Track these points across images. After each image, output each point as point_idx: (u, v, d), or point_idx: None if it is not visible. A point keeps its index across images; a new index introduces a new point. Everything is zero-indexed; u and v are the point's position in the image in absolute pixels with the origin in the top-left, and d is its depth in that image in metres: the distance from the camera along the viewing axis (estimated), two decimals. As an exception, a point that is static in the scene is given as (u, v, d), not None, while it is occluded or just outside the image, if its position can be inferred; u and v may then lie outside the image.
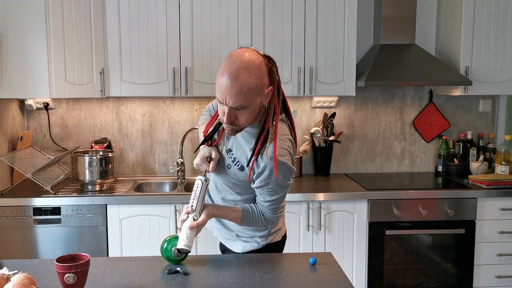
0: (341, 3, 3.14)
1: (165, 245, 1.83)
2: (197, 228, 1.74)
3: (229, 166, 1.83)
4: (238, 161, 1.81)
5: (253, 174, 1.77)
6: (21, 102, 3.38)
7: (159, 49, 3.09)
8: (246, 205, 1.88)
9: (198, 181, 1.79)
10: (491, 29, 3.25)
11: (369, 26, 3.51)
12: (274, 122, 1.72)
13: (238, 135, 1.80)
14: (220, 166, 1.87)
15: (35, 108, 3.39)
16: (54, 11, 2.92)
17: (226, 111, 1.65)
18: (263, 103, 1.71)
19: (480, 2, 3.22)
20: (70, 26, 2.98)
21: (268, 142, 1.71)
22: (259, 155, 1.72)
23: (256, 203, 1.88)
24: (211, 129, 1.89)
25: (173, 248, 1.78)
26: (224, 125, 1.73)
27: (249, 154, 1.75)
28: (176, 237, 1.81)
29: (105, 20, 3.06)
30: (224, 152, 1.85)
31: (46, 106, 3.39)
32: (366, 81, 3.12)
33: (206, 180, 1.79)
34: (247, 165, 1.77)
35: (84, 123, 3.47)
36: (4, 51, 2.89)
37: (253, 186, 1.82)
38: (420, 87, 3.62)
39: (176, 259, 1.80)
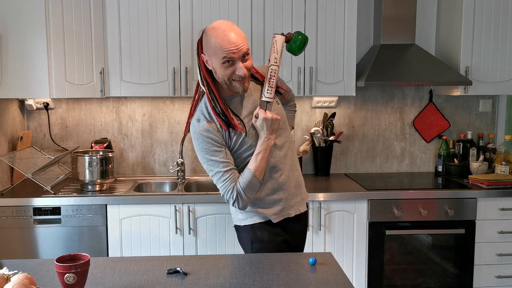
0: (341, 3, 3.14)
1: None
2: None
3: (278, 103, 2.14)
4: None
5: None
6: (21, 102, 3.38)
7: (159, 49, 3.09)
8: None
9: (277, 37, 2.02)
10: (491, 29, 3.25)
11: (369, 26, 3.51)
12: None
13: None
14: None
15: (35, 108, 3.39)
16: (54, 11, 2.92)
17: (240, 64, 1.90)
18: None
19: (480, 2, 3.22)
20: (70, 26, 2.98)
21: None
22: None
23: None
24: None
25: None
26: (240, 85, 1.95)
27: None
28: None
29: (105, 20, 3.06)
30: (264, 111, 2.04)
31: (46, 106, 3.39)
32: (366, 81, 3.12)
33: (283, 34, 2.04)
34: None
35: (84, 123, 3.47)
36: (4, 51, 2.89)
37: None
38: (420, 87, 3.62)
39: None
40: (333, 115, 3.49)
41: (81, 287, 1.52)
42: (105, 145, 3.31)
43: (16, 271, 1.60)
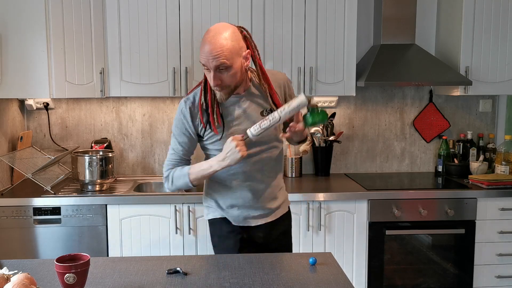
0: (341, 3, 3.14)
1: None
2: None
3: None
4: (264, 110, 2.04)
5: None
6: (21, 102, 3.38)
7: (159, 49, 3.09)
8: None
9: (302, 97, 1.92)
10: (491, 29, 3.25)
11: (369, 26, 3.51)
12: (264, 76, 2.00)
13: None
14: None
15: (35, 108, 3.39)
16: (54, 11, 2.92)
17: (212, 74, 1.85)
18: (243, 65, 1.91)
19: (480, 2, 3.22)
20: (70, 26, 2.98)
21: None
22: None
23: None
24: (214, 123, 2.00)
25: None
26: (216, 92, 1.91)
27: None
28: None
29: (105, 20, 3.06)
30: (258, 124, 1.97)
31: (46, 106, 3.39)
32: (366, 81, 3.12)
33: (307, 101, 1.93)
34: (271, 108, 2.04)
35: (84, 123, 3.47)
36: (4, 51, 2.89)
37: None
38: (420, 87, 3.62)
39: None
40: (333, 115, 3.49)
41: (81, 287, 1.52)
42: (105, 145, 3.31)
43: (16, 271, 1.60)
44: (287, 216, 2.25)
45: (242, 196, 2.08)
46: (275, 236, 2.17)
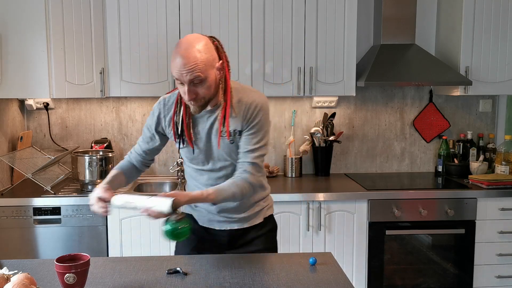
0: (341, 3, 3.13)
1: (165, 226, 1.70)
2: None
3: (232, 141, 1.91)
4: (230, 131, 1.90)
5: (244, 121, 1.89)
6: (21, 102, 3.38)
7: (159, 49, 3.09)
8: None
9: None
10: (491, 29, 3.25)
11: (369, 26, 3.51)
12: (226, 93, 1.89)
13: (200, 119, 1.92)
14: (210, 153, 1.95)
15: (35, 108, 3.39)
16: (54, 11, 2.92)
17: (186, 88, 1.78)
18: (217, 77, 1.84)
19: (480, 2, 3.22)
20: (70, 26, 2.98)
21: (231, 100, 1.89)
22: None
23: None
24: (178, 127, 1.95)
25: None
26: (190, 105, 1.84)
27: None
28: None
29: (105, 20, 3.06)
30: (210, 138, 1.93)
31: (46, 106, 3.39)
32: (366, 81, 3.12)
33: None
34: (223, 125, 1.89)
35: (84, 123, 3.47)
36: (4, 51, 2.89)
37: (243, 136, 1.90)
38: (420, 87, 3.62)
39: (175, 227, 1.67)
40: (333, 115, 3.49)
41: (81, 287, 1.52)
42: (105, 145, 3.31)
43: (16, 271, 1.60)
44: (264, 225, 2.10)
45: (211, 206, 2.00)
46: (248, 240, 2.07)
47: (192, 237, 2.05)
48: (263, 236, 2.07)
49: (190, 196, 1.82)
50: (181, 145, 1.97)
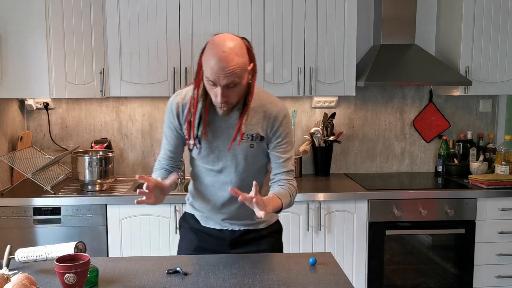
0: (341, 3, 3.14)
1: None
2: None
3: (251, 145, 1.90)
4: (252, 134, 1.89)
5: (270, 132, 1.89)
6: (21, 102, 3.38)
7: (159, 49, 3.09)
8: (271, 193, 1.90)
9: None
10: (491, 29, 3.25)
11: (369, 26, 3.51)
12: (249, 95, 1.86)
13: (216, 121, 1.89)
14: (236, 159, 1.92)
15: (35, 108, 3.39)
16: (54, 12, 2.93)
17: (219, 91, 1.74)
18: (248, 80, 1.82)
19: (480, 2, 3.22)
20: (70, 26, 2.98)
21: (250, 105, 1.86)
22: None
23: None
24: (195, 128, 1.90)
25: None
26: (219, 108, 1.81)
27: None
28: None
29: (105, 20, 3.06)
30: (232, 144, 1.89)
31: (46, 106, 3.39)
32: (366, 81, 3.12)
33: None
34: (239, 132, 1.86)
35: (84, 123, 3.47)
36: (4, 51, 2.89)
37: (272, 148, 1.91)
38: (420, 87, 3.62)
39: None
40: (333, 115, 3.49)
41: (81, 287, 1.52)
42: (105, 145, 3.31)
43: (16, 271, 1.61)
44: (270, 226, 2.10)
45: (212, 202, 2.01)
46: (252, 240, 2.05)
47: (193, 237, 2.06)
48: (269, 237, 2.07)
49: (269, 204, 1.77)
50: (194, 143, 1.92)
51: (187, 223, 2.11)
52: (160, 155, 2.07)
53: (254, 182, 1.68)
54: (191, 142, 1.92)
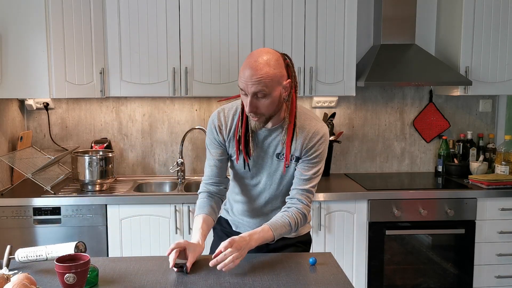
0: (341, 3, 3.14)
1: None
2: None
3: (287, 165, 1.93)
4: (292, 154, 1.91)
5: (305, 148, 1.89)
6: (21, 102, 3.38)
7: (159, 49, 3.09)
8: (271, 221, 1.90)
9: None
10: (491, 29, 3.25)
11: (369, 26, 3.51)
12: (291, 114, 1.86)
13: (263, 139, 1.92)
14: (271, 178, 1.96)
15: (35, 108, 3.39)
16: (54, 11, 2.92)
17: (249, 99, 1.77)
18: (282, 95, 1.82)
19: (480, 2, 3.22)
20: (70, 26, 2.98)
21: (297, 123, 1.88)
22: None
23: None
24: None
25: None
26: (251, 118, 1.84)
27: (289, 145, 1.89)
28: None
29: (105, 20, 3.06)
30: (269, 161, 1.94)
31: (46, 106, 3.39)
32: (366, 81, 3.12)
33: None
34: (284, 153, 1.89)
35: (84, 123, 3.47)
36: (4, 51, 2.89)
37: (300, 162, 1.91)
38: (420, 87, 3.62)
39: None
40: (333, 115, 3.49)
41: (81, 287, 1.52)
42: (105, 145, 3.31)
43: (16, 271, 1.61)
44: (296, 238, 2.13)
45: (245, 211, 2.08)
46: (275, 247, 2.06)
47: (224, 239, 2.06)
48: (295, 246, 2.10)
49: (252, 240, 1.78)
50: (238, 158, 1.94)
51: (220, 226, 2.19)
52: (204, 175, 2.05)
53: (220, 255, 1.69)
54: (240, 156, 1.94)
